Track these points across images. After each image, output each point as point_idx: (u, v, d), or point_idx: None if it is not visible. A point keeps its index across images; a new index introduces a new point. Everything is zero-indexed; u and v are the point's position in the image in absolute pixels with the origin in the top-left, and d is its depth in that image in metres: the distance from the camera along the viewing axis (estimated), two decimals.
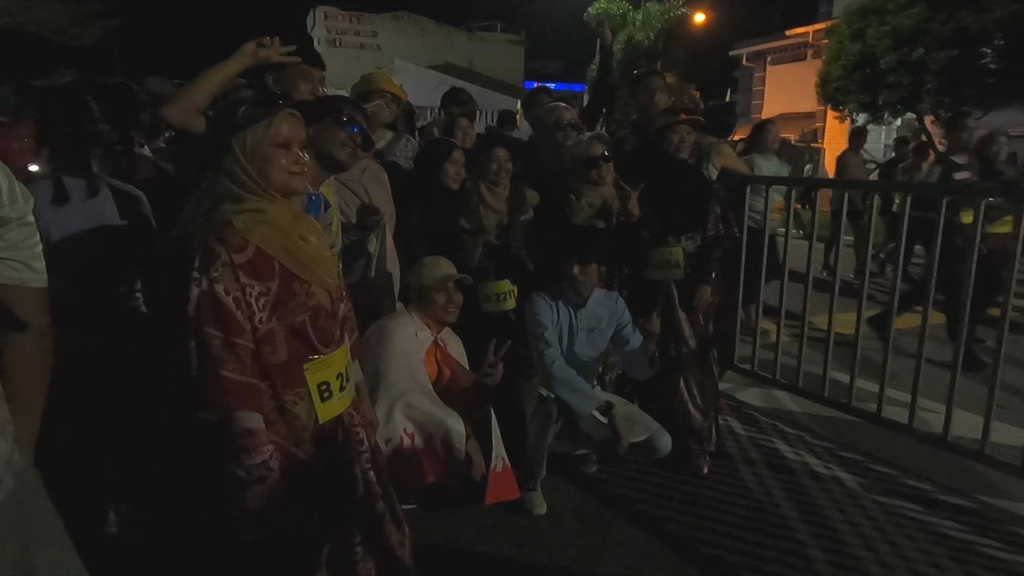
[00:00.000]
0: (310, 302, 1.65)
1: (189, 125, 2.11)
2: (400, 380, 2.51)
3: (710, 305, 3.33)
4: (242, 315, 1.54)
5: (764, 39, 25.26)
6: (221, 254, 1.52)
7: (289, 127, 1.63)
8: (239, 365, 1.53)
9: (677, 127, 3.17)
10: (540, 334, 2.89)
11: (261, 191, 1.60)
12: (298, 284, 1.63)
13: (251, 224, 1.58)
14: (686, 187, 3.20)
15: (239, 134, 1.59)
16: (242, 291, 1.54)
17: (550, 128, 3.48)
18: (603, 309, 3.03)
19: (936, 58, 13.48)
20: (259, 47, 2.18)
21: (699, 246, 3.26)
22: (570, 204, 3.09)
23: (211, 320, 1.51)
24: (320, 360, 1.67)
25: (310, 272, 1.66)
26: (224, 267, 1.52)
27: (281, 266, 1.61)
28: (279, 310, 1.60)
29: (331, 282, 1.73)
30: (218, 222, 1.57)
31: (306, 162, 1.66)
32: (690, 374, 3.28)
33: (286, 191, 1.64)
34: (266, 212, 1.60)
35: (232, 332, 1.52)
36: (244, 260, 1.55)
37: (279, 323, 1.60)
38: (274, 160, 1.59)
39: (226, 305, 1.52)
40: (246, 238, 1.56)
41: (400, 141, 3.51)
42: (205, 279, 1.51)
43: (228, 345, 1.52)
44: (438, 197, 3.14)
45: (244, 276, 1.54)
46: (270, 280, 1.58)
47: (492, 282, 3.20)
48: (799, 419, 3.82)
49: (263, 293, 1.57)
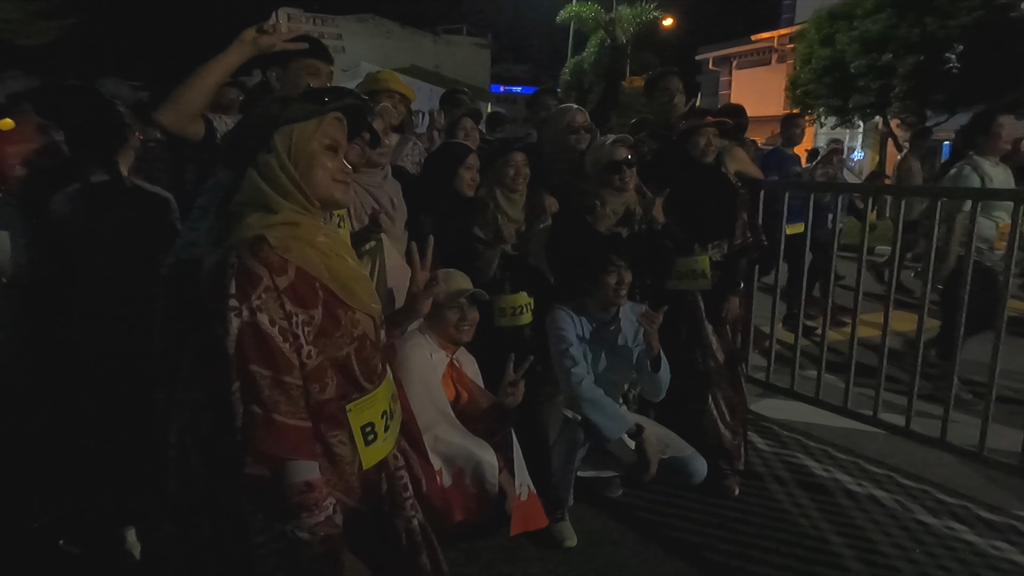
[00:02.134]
0: (355, 331, 1.43)
1: (186, 130, 1.84)
2: (423, 411, 2.26)
3: (738, 317, 3.17)
4: (290, 348, 1.31)
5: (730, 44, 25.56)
6: (263, 277, 1.29)
7: (337, 130, 1.42)
8: (292, 407, 1.30)
9: (703, 130, 3.00)
10: (565, 350, 2.69)
11: (302, 198, 1.37)
12: (343, 311, 1.41)
13: (287, 240, 1.35)
14: (712, 193, 3.03)
15: (284, 128, 1.36)
16: (288, 320, 1.31)
17: (562, 131, 3.27)
18: (630, 324, 2.84)
19: (904, 63, 13.69)
20: (260, 33, 1.92)
21: (726, 255, 3.10)
22: (595, 211, 2.89)
23: (257, 356, 1.27)
24: (364, 399, 1.44)
25: (354, 296, 1.43)
26: (268, 293, 1.29)
27: (324, 290, 1.38)
28: (323, 341, 1.37)
29: (375, 307, 1.51)
30: (249, 239, 1.32)
31: (350, 172, 1.45)
32: (718, 390, 3.11)
33: (328, 201, 1.42)
34: (300, 226, 1.37)
35: (282, 369, 1.29)
36: (287, 284, 1.32)
37: (324, 356, 1.38)
38: (321, 163, 1.38)
39: (273, 338, 1.29)
40: (285, 257, 1.33)
41: (407, 145, 3.27)
42: (246, 308, 1.27)
43: (279, 384, 1.29)
44: (451, 205, 2.91)
45: (288, 303, 1.31)
46: (313, 307, 1.35)
47: (508, 295, 2.98)
48: (819, 432, 3.69)
49: (307, 322, 1.34)
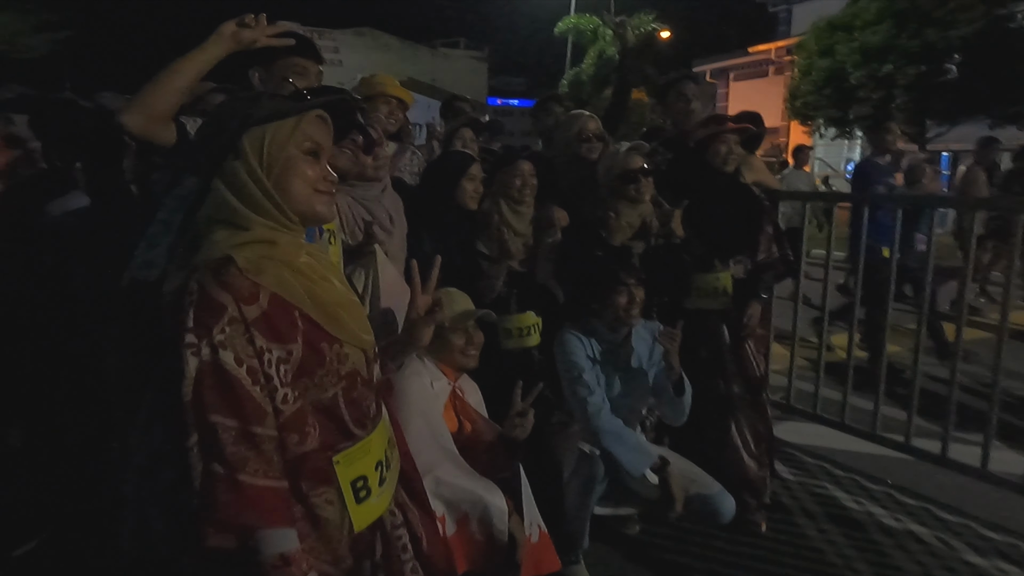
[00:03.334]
0: (343, 368, 1.20)
1: (154, 135, 1.61)
2: (423, 449, 2.02)
3: (761, 338, 2.95)
4: (261, 392, 1.09)
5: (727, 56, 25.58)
6: (227, 307, 1.07)
7: (319, 131, 1.20)
8: (264, 464, 1.07)
9: (723, 137, 2.79)
10: (577, 377, 2.46)
11: (277, 212, 1.15)
12: (327, 344, 1.18)
13: (260, 262, 1.12)
14: (734, 205, 2.82)
15: (254, 129, 1.14)
16: (259, 358, 1.09)
17: (572, 139, 3.06)
18: (643, 344, 2.62)
19: (905, 73, 13.62)
20: (240, 27, 1.70)
21: (749, 271, 2.88)
22: (608, 224, 2.68)
23: (220, 403, 1.05)
24: (355, 448, 1.21)
25: (342, 326, 1.20)
26: (233, 325, 1.07)
27: (304, 320, 1.15)
28: (304, 382, 1.14)
29: (367, 338, 1.27)
30: (213, 261, 1.10)
31: (335, 181, 1.23)
32: (742, 416, 2.88)
33: (309, 215, 1.19)
34: (277, 245, 1.15)
35: (251, 418, 1.07)
36: (258, 314, 1.09)
37: (305, 400, 1.15)
38: (299, 169, 1.16)
39: (239, 380, 1.06)
40: (256, 281, 1.10)
41: (405, 154, 3.06)
42: (206, 345, 1.05)
43: (246, 437, 1.06)
44: (452, 218, 2.69)
45: (259, 336, 1.09)
46: (291, 341, 1.13)
47: (514, 315, 2.76)
48: (846, 459, 3.45)
49: (283, 359, 1.12)
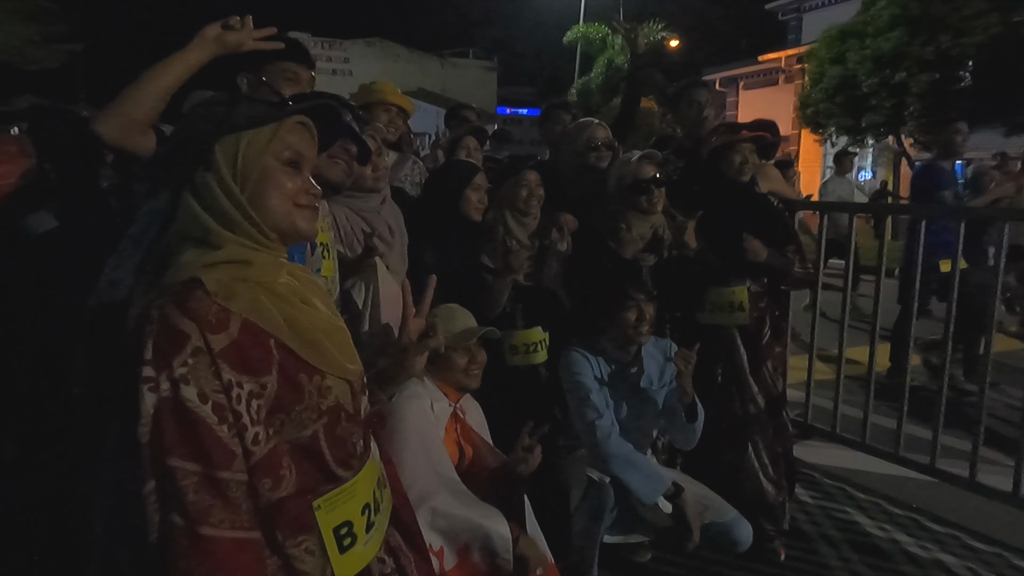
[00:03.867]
0: (324, 402, 1.08)
1: (131, 144, 1.51)
2: (418, 478, 1.89)
3: (779, 355, 2.81)
4: (229, 432, 0.96)
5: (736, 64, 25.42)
6: (191, 336, 0.95)
7: (300, 140, 1.09)
8: (231, 514, 0.95)
9: (739, 145, 2.66)
10: (585, 399, 2.33)
11: (252, 228, 1.04)
12: (307, 376, 1.06)
13: (231, 285, 1.01)
14: (751, 216, 2.69)
15: (227, 138, 1.03)
16: (226, 393, 0.96)
17: (580, 148, 2.95)
18: (654, 363, 2.49)
19: (918, 81, 13.45)
20: (225, 30, 1.60)
21: (767, 285, 2.75)
22: (618, 236, 2.55)
23: (180, 445, 0.93)
24: (338, 492, 1.09)
25: (324, 356, 1.08)
26: (197, 357, 0.95)
27: (281, 349, 1.03)
28: (277, 419, 1.02)
29: (352, 368, 1.15)
30: (178, 283, 0.99)
31: (318, 195, 1.11)
32: (759, 438, 2.73)
33: (288, 232, 1.08)
34: (252, 265, 1.04)
35: (216, 462, 0.95)
36: (227, 343, 0.97)
37: (280, 439, 1.03)
38: (277, 181, 1.05)
39: (203, 419, 0.94)
40: (226, 307, 0.99)
41: (406, 163, 2.94)
42: (165, 379, 0.93)
43: (211, 483, 0.94)
44: (456, 230, 2.58)
45: (228, 369, 0.97)
46: (265, 373, 1.01)
47: (520, 331, 2.64)
48: (868, 481, 3.30)
49: (256, 393, 1.00)
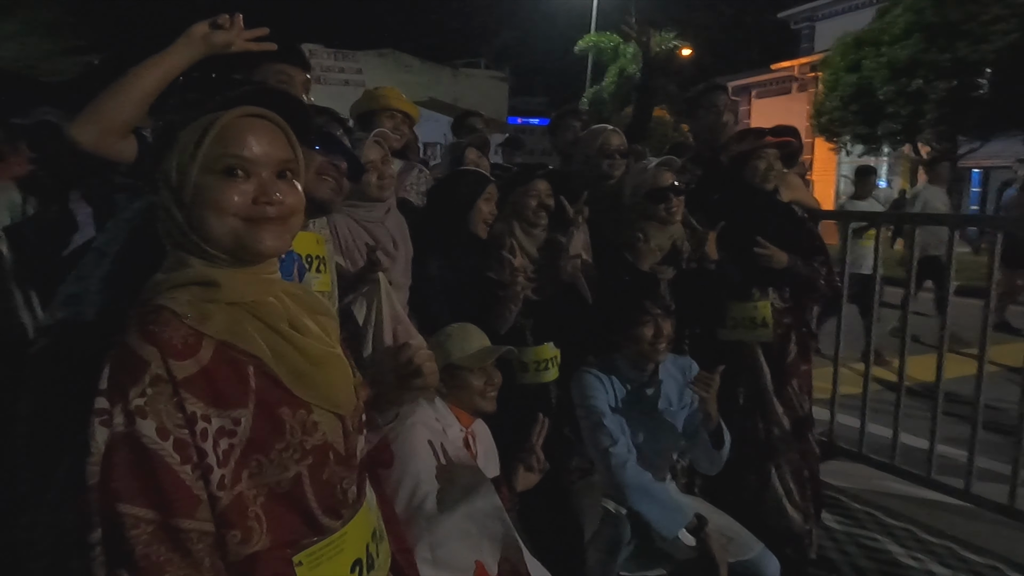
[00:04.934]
0: (309, 440, 0.95)
1: (110, 150, 1.39)
2: (418, 513, 1.73)
3: (805, 373, 2.66)
4: (193, 473, 0.84)
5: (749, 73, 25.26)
6: (150, 364, 0.83)
7: (246, 140, 0.93)
8: (190, 570, 0.83)
9: (763, 152, 2.52)
10: (598, 423, 2.18)
11: (207, 247, 0.91)
12: (289, 409, 0.93)
13: (203, 307, 0.89)
14: (775, 226, 2.54)
15: (170, 152, 0.92)
16: (189, 428, 0.84)
17: (593, 155, 2.82)
18: (672, 382, 2.34)
19: (935, 88, 13.25)
20: (213, 29, 1.48)
21: (791, 300, 2.60)
22: (635, 247, 2.42)
23: (133, 489, 0.81)
24: (323, 546, 0.95)
25: (312, 386, 0.96)
26: (157, 387, 0.83)
27: (261, 377, 0.91)
28: (254, 460, 0.89)
29: (345, 402, 1.02)
30: (144, 305, 0.88)
31: (281, 203, 0.95)
32: (784, 462, 2.58)
33: (243, 252, 0.93)
34: (220, 287, 0.91)
35: (175, 508, 0.82)
36: (194, 371, 0.85)
37: (253, 484, 0.89)
38: (211, 198, 0.90)
39: (161, 458, 0.82)
40: (199, 330, 0.87)
41: (412, 172, 2.82)
42: (120, 412, 0.81)
43: (168, 534, 0.82)
44: (463, 242, 2.45)
45: (193, 400, 0.85)
46: (238, 406, 0.88)
47: (531, 347, 2.51)
48: (897, 505, 3.12)
49: (227, 431, 0.87)
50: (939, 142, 14.16)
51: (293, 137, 0.98)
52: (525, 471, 1.82)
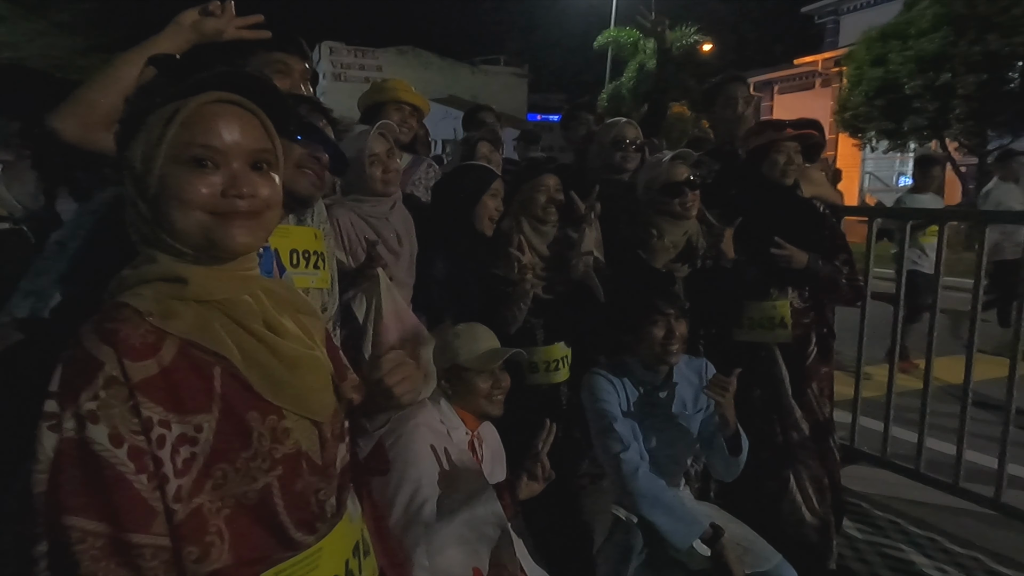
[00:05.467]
0: (280, 448, 0.88)
1: (94, 142, 1.33)
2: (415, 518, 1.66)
3: (825, 376, 2.56)
4: (149, 484, 0.78)
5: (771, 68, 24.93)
6: (104, 364, 0.77)
7: (215, 128, 0.86)
8: None
9: (782, 145, 2.42)
10: (608, 428, 2.09)
11: (173, 242, 0.85)
12: (258, 414, 0.87)
13: (168, 304, 0.83)
14: (794, 223, 2.44)
15: (135, 140, 0.85)
16: (146, 435, 0.78)
17: (607, 146, 2.74)
18: (687, 384, 2.25)
19: (965, 82, 12.93)
20: (203, 16, 1.42)
21: (811, 299, 2.49)
22: (648, 244, 2.33)
23: (81, 500, 0.75)
24: (294, 563, 0.89)
25: (281, 389, 0.89)
26: (111, 389, 0.77)
27: (228, 379, 0.85)
28: (218, 470, 0.83)
29: (321, 408, 0.95)
30: (108, 306, 0.83)
31: (253, 195, 0.88)
32: (803, 468, 2.48)
33: (212, 249, 0.87)
34: (188, 283, 0.85)
35: (128, 522, 0.76)
36: (153, 373, 0.79)
37: (217, 496, 0.83)
38: (175, 191, 0.84)
39: (114, 466, 0.76)
40: (161, 328, 0.81)
41: (420, 166, 2.75)
42: (71, 417, 0.75)
43: (119, 549, 0.75)
44: (469, 239, 2.38)
45: (150, 404, 0.79)
46: (201, 411, 0.82)
47: (541, 347, 2.43)
48: (923, 514, 3.00)
49: (188, 438, 0.81)
50: (968, 138, 13.85)
51: (270, 126, 0.92)
52: (529, 480, 1.73)
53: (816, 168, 3.28)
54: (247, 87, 0.89)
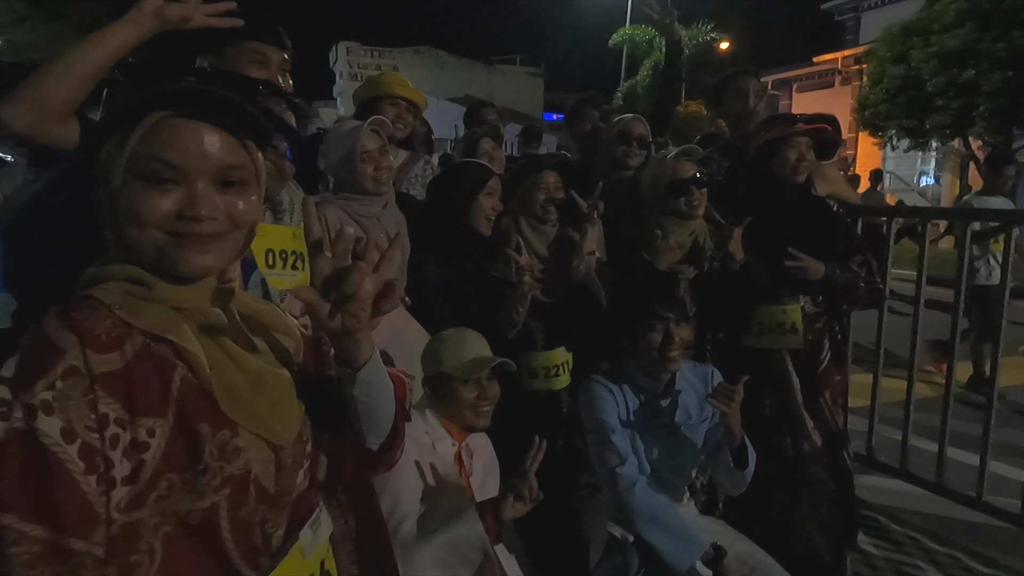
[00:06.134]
0: (227, 468, 0.80)
1: (47, 135, 1.25)
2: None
3: (839, 384, 2.43)
4: (97, 487, 0.71)
5: (790, 67, 24.63)
6: (67, 351, 0.71)
7: (182, 136, 0.78)
8: None
9: (793, 141, 2.29)
10: (605, 440, 1.97)
11: (128, 259, 0.80)
12: (210, 427, 0.79)
13: (136, 302, 0.78)
14: (806, 222, 2.31)
15: (105, 147, 0.80)
16: (100, 432, 0.71)
17: (611, 141, 2.63)
18: (691, 392, 2.13)
19: (989, 79, 12.62)
20: (167, 1, 1.32)
21: (824, 303, 2.37)
22: (653, 244, 2.22)
23: (22, 498, 0.67)
24: None
25: (241, 404, 0.82)
26: (70, 380, 0.70)
27: (185, 385, 0.78)
28: (164, 480, 0.75)
29: (282, 429, 0.87)
30: (79, 295, 0.78)
31: (210, 217, 0.80)
32: (815, 482, 2.36)
33: (167, 268, 0.79)
34: (152, 288, 0.79)
35: (70, 525, 0.69)
36: (116, 368, 0.73)
37: (158, 511, 0.75)
38: (129, 207, 0.77)
39: (62, 463, 0.69)
40: (127, 321, 0.76)
41: (417, 164, 2.66)
42: (20, 407, 0.68)
43: (58, 556, 0.68)
44: (464, 240, 2.29)
45: (108, 401, 0.72)
46: (156, 415, 0.75)
47: (540, 352, 2.33)
48: (943, 528, 2.86)
49: (139, 443, 0.74)
50: (992, 136, 13.54)
51: (247, 139, 0.84)
52: (515, 500, 1.63)
53: (832, 166, 3.15)
54: (218, 101, 0.81)
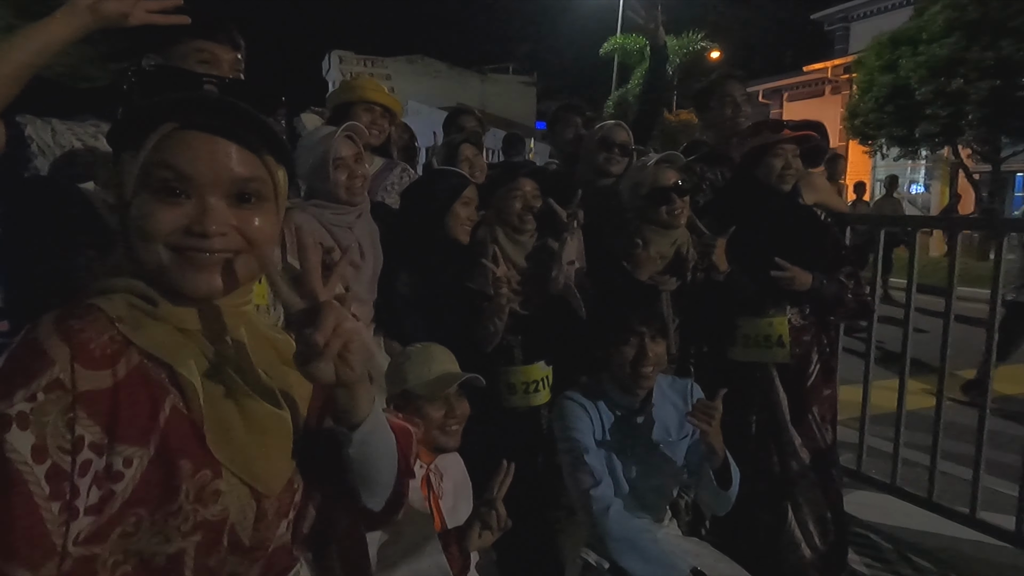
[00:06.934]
0: (202, 512, 0.72)
1: None
2: None
3: (827, 399, 2.35)
4: (58, 515, 0.64)
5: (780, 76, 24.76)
6: (55, 363, 0.65)
7: (195, 146, 0.73)
8: None
9: (780, 148, 2.22)
10: (579, 460, 1.88)
11: (136, 273, 0.75)
12: (191, 465, 0.72)
13: (137, 316, 0.72)
14: (793, 232, 2.24)
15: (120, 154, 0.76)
16: (72, 454, 0.64)
17: (593, 147, 2.56)
18: (671, 409, 2.04)
19: (977, 88, 12.69)
20: None
21: (812, 315, 2.29)
22: (633, 254, 2.14)
23: None
24: None
25: (230, 444, 0.75)
26: (52, 393, 0.64)
27: (174, 418, 0.71)
28: (132, 516, 0.68)
29: (271, 478, 0.79)
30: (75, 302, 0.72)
31: (223, 233, 0.74)
32: (803, 501, 2.28)
33: (173, 286, 0.74)
34: (158, 306, 0.73)
35: (23, 556, 0.62)
36: (104, 387, 0.67)
37: (120, 549, 0.68)
38: (138, 220, 0.72)
39: (26, 485, 0.62)
40: (126, 336, 0.70)
41: (393, 171, 2.57)
42: None
43: None
44: (439, 250, 2.21)
45: (87, 422, 0.66)
46: (138, 444, 0.68)
47: (519, 367, 2.25)
48: (935, 546, 2.78)
49: (112, 473, 0.67)
50: (980, 145, 13.61)
51: (264, 151, 0.77)
52: (482, 529, 1.53)
53: (821, 174, 3.09)
54: (233, 112, 0.74)
